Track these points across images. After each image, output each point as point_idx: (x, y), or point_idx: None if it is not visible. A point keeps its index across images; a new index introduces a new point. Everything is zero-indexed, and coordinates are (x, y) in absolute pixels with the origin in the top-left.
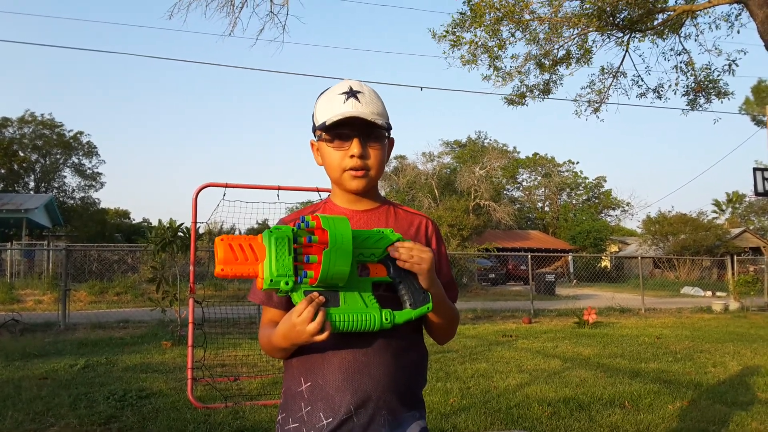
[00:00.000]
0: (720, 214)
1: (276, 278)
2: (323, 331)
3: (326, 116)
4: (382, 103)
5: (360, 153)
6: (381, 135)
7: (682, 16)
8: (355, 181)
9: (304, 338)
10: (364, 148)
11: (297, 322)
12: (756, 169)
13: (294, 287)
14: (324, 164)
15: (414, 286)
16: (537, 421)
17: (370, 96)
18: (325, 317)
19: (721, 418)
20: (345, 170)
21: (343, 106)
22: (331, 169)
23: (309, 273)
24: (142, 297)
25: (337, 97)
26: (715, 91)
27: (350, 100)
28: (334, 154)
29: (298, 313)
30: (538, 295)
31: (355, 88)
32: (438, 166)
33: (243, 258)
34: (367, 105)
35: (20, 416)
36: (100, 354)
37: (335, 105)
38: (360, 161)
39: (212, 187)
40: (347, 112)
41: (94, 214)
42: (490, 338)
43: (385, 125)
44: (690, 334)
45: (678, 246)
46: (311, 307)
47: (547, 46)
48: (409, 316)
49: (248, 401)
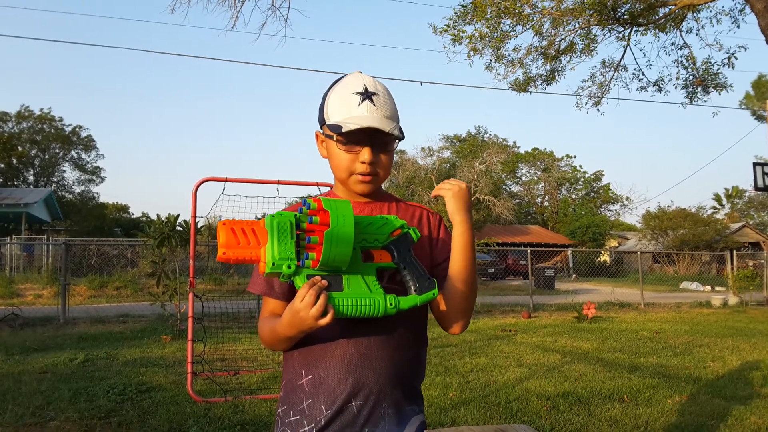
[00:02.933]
0: (719, 209)
1: (278, 261)
2: (326, 314)
3: (339, 117)
4: (394, 103)
5: (371, 160)
6: (393, 141)
7: (684, 10)
8: (362, 185)
9: (309, 323)
10: (375, 155)
11: (300, 307)
12: (756, 164)
13: (296, 271)
14: (330, 162)
15: (419, 272)
16: (536, 415)
17: (384, 97)
18: (328, 300)
19: (720, 412)
20: (353, 173)
21: (358, 109)
22: (339, 170)
23: (311, 255)
24: (141, 291)
25: (351, 97)
26: (714, 84)
27: (365, 103)
28: (344, 157)
29: (300, 297)
30: (537, 289)
31: (370, 88)
32: (438, 160)
33: (245, 242)
34: (382, 108)
35: (20, 410)
36: (99, 348)
37: (350, 107)
38: (370, 167)
39: (212, 181)
40: (364, 120)
41: (93, 209)
42: (490, 333)
43: (400, 136)
44: (689, 329)
45: (677, 241)
46: (313, 291)
47: (550, 38)
48: (414, 301)
49: (248, 395)
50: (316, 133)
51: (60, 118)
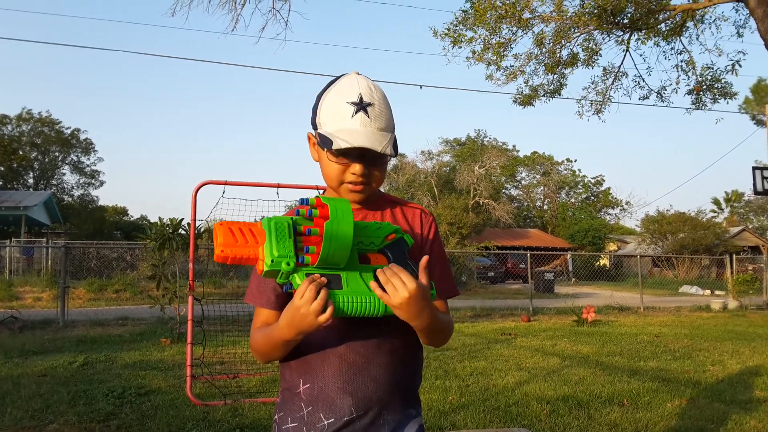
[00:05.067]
0: (719, 213)
1: (277, 259)
2: (326, 310)
3: (332, 127)
4: (390, 110)
5: (362, 173)
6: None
7: (684, 16)
8: (353, 195)
9: (309, 320)
10: (367, 169)
11: (300, 303)
12: (755, 168)
13: (295, 268)
14: (322, 169)
15: (416, 274)
16: (536, 419)
17: (379, 107)
18: (328, 297)
19: (720, 416)
20: (344, 183)
21: (351, 122)
22: (330, 179)
23: (311, 248)
24: (141, 294)
25: (345, 107)
26: (721, 92)
27: (359, 115)
28: (335, 167)
29: (300, 294)
30: (537, 293)
31: (366, 97)
32: (437, 164)
33: (243, 241)
34: (376, 120)
35: (19, 413)
36: (99, 351)
37: (343, 117)
38: (361, 178)
39: (211, 184)
40: (356, 137)
41: (92, 212)
42: (489, 336)
43: (392, 153)
44: (689, 333)
45: (677, 245)
46: (313, 286)
47: (550, 46)
48: None
49: (247, 398)
50: (309, 135)
51: (59, 121)
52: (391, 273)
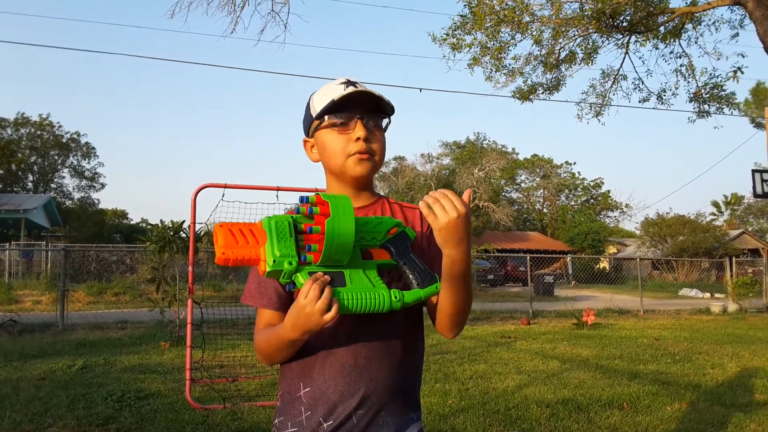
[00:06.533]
0: (718, 216)
1: (279, 258)
2: (331, 308)
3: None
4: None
5: (365, 135)
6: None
7: (683, 18)
8: (361, 165)
9: (314, 320)
10: (369, 131)
11: (304, 303)
12: (755, 171)
13: (297, 268)
14: (324, 155)
15: (420, 267)
16: (535, 423)
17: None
18: (333, 294)
19: (720, 419)
20: (350, 155)
21: (345, 92)
22: (334, 156)
23: (313, 246)
24: (140, 297)
25: (335, 87)
26: (725, 101)
27: (350, 87)
28: (338, 140)
29: (305, 293)
30: (536, 296)
31: (352, 79)
32: (437, 167)
33: (244, 242)
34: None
35: (18, 417)
36: (98, 355)
37: (335, 92)
38: (365, 144)
39: (211, 187)
40: (352, 91)
41: (92, 215)
42: (489, 339)
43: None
44: (688, 336)
45: (676, 248)
46: (317, 285)
47: (549, 46)
48: (418, 295)
49: (246, 402)
50: (304, 140)
51: (58, 125)
52: (440, 194)
